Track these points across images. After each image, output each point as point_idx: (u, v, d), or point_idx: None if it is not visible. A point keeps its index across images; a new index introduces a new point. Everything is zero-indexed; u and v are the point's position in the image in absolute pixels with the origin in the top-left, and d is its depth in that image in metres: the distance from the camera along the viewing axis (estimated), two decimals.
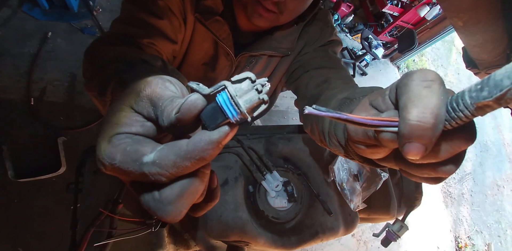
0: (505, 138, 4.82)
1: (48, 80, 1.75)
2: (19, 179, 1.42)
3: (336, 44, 0.68)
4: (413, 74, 0.19)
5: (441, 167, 0.20)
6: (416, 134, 0.17)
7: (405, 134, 0.18)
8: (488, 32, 0.60)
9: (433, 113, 0.17)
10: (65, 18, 1.91)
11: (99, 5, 2.05)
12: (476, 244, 3.25)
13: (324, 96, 0.48)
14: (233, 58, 0.62)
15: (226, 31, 0.57)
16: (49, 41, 1.82)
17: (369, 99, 0.25)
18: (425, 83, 0.18)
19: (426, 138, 0.17)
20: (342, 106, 0.36)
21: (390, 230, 0.45)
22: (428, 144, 0.18)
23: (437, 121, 0.17)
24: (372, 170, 0.79)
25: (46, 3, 1.82)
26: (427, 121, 0.17)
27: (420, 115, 0.17)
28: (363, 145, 0.24)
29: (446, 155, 0.19)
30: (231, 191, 0.67)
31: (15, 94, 1.65)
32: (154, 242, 0.61)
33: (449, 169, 0.20)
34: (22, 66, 1.71)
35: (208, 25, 0.56)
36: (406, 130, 0.18)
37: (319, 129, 0.42)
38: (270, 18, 0.53)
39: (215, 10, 0.55)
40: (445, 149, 0.19)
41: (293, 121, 2.56)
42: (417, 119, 0.17)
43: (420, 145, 0.18)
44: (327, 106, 0.40)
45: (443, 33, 3.27)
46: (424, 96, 0.18)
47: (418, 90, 0.18)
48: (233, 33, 0.60)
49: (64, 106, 1.73)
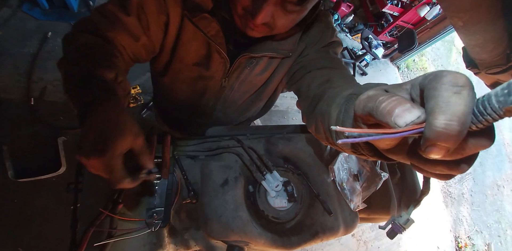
0: (505, 138, 4.82)
1: (48, 80, 1.75)
2: (19, 179, 1.42)
3: (337, 45, 0.68)
4: (444, 77, 0.19)
5: (455, 165, 0.21)
6: (441, 139, 0.18)
7: (430, 138, 0.18)
8: (488, 32, 0.60)
9: (460, 121, 0.17)
10: (65, 18, 1.91)
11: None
12: (476, 244, 3.25)
13: (327, 95, 0.48)
14: (225, 56, 0.61)
15: (215, 28, 0.57)
16: (49, 41, 1.82)
17: (384, 88, 0.25)
18: (455, 88, 0.18)
19: (450, 143, 0.18)
20: (349, 102, 0.36)
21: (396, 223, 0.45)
22: (451, 147, 0.18)
23: (462, 128, 0.18)
24: (372, 170, 0.79)
25: (46, 3, 1.82)
26: (453, 129, 0.17)
27: (447, 123, 0.17)
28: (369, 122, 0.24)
29: (465, 154, 0.20)
30: (231, 191, 0.67)
31: (15, 94, 1.65)
32: (154, 242, 0.61)
33: (462, 167, 0.21)
34: (22, 66, 1.71)
35: (196, 22, 0.56)
36: (432, 135, 0.18)
37: (325, 126, 0.42)
38: (263, 31, 0.54)
39: (204, 8, 0.55)
40: (467, 148, 0.19)
41: (293, 121, 2.56)
42: (444, 126, 0.18)
43: (443, 147, 0.18)
44: (332, 103, 0.40)
45: (443, 33, 3.27)
46: (453, 103, 0.18)
47: (447, 96, 0.18)
48: (233, 32, 0.60)
49: (64, 106, 1.73)
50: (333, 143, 0.41)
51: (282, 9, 0.49)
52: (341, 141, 0.22)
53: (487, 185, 3.95)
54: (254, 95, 0.79)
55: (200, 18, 0.56)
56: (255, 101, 0.83)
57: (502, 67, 0.66)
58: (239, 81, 0.70)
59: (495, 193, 3.96)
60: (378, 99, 0.22)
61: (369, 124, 0.25)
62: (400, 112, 0.20)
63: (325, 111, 0.42)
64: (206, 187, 0.67)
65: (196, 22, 0.56)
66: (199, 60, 0.65)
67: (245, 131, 0.81)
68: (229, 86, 0.72)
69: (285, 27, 0.54)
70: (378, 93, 0.23)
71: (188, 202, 0.66)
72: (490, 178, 4.07)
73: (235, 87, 0.73)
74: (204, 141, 0.75)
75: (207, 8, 0.55)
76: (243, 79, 0.70)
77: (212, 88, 0.73)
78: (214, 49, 0.61)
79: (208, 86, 0.73)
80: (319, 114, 0.45)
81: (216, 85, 0.71)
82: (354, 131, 0.23)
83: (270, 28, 0.53)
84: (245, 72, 0.67)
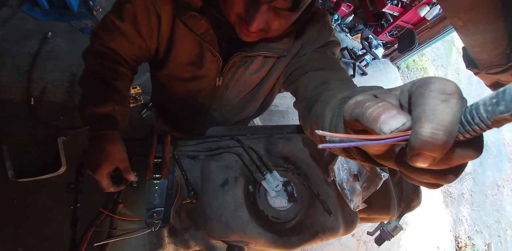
0: (505, 137, 4.82)
1: (48, 80, 1.75)
2: (19, 179, 1.42)
3: (335, 45, 0.67)
4: (432, 84, 0.19)
5: (442, 175, 0.20)
6: (426, 148, 0.17)
7: (415, 147, 0.18)
8: (488, 32, 0.60)
9: (447, 130, 0.17)
10: (65, 18, 1.91)
11: (99, 5, 2.05)
12: (476, 244, 3.25)
13: (323, 97, 0.47)
14: (217, 54, 0.62)
15: (204, 26, 0.57)
16: (49, 41, 1.82)
17: (374, 93, 0.25)
18: (443, 96, 0.18)
19: (436, 153, 0.18)
20: (342, 105, 0.35)
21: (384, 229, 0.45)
22: (437, 157, 0.18)
23: (449, 138, 0.17)
24: (372, 170, 0.79)
25: (46, 3, 1.82)
26: (439, 139, 0.17)
27: (433, 132, 0.17)
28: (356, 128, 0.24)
29: (452, 164, 0.19)
30: (231, 191, 0.67)
31: (15, 94, 1.65)
32: (154, 242, 0.61)
33: (449, 178, 0.20)
34: (22, 66, 1.71)
35: (184, 20, 0.57)
36: (417, 144, 0.18)
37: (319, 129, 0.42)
38: (258, 35, 0.55)
39: (193, 6, 0.55)
40: (453, 158, 0.19)
41: (293, 121, 2.56)
42: (429, 135, 0.17)
43: (429, 156, 0.18)
44: (327, 106, 0.40)
45: (443, 33, 3.27)
46: (440, 111, 0.17)
47: (435, 104, 0.18)
48: (226, 30, 0.60)
49: (64, 106, 1.73)
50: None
51: (275, 14, 0.49)
52: (321, 145, 0.22)
53: (487, 185, 3.96)
54: (249, 95, 0.79)
55: (188, 16, 0.56)
56: (251, 101, 0.82)
57: (502, 67, 0.66)
58: (234, 80, 0.70)
59: (495, 193, 3.97)
60: (365, 105, 0.21)
61: (357, 130, 0.25)
62: (385, 119, 0.20)
63: (320, 114, 0.42)
64: (206, 187, 0.67)
65: (184, 20, 0.57)
66: (192, 60, 0.65)
67: (245, 131, 0.81)
68: (224, 86, 0.72)
69: (280, 29, 0.55)
70: (366, 98, 0.23)
71: (188, 202, 0.66)
72: (490, 178, 4.07)
73: (230, 86, 0.72)
74: (204, 141, 0.75)
75: (196, 7, 0.56)
76: (238, 78, 0.70)
77: (207, 87, 0.73)
78: (206, 48, 0.61)
79: (202, 86, 0.73)
80: (314, 117, 0.45)
81: (211, 84, 0.71)
82: (336, 136, 0.23)
83: (264, 32, 0.54)
84: (240, 71, 0.67)
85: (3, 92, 1.63)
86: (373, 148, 0.23)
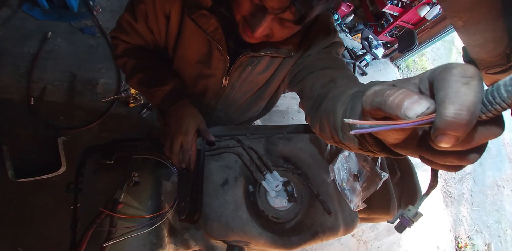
0: (505, 137, 4.82)
1: (48, 80, 1.75)
2: (19, 179, 1.42)
3: (339, 45, 0.68)
4: (453, 69, 0.20)
5: (466, 155, 0.21)
6: (451, 128, 0.18)
7: (440, 128, 0.19)
8: (488, 32, 0.60)
9: (469, 110, 0.18)
10: (65, 18, 1.91)
11: (99, 5, 2.05)
12: (476, 244, 3.25)
13: (332, 94, 0.48)
14: (225, 53, 0.62)
15: (214, 25, 0.58)
16: (49, 41, 1.82)
17: (391, 83, 0.26)
18: (464, 79, 0.19)
19: (460, 132, 0.18)
20: (355, 99, 0.36)
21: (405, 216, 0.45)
22: (461, 136, 0.19)
23: (472, 117, 0.18)
24: (372, 170, 0.80)
25: (46, 3, 1.82)
26: (462, 118, 0.18)
27: (456, 112, 0.18)
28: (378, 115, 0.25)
29: (475, 144, 0.20)
30: (231, 191, 0.67)
31: (15, 94, 1.65)
32: (154, 242, 0.61)
33: (473, 157, 0.21)
34: (22, 66, 1.71)
35: (194, 18, 0.58)
36: (442, 125, 0.19)
37: (330, 125, 0.42)
38: (260, 39, 0.56)
39: (203, 5, 0.56)
40: (477, 137, 0.20)
41: (293, 121, 2.56)
42: (453, 116, 0.18)
43: (453, 136, 0.19)
44: (338, 102, 0.41)
45: (443, 33, 3.27)
46: (462, 93, 0.18)
47: (457, 87, 0.19)
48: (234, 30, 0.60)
49: (64, 106, 1.73)
50: (338, 141, 0.41)
51: (280, 24, 0.51)
52: (353, 131, 0.23)
53: (487, 185, 3.96)
54: (255, 95, 0.80)
55: (199, 15, 0.57)
56: (256, 101, 0.83)
57: (502, 67, 0.66)
58: (241, 80, 0.71)
59: (495, 193, 3.97)
60: (386, 93, 0.22)
61: (378, 118, 0.25)
62: (409, 105, 0.20)
63: (331, 110, 0.42)
64: (206, 187, 0.67)
65: (195, 18, 0.58)
66: (201, 58, 0.66)
67: (245, 130, 0.81)
68: (230, 85, 0.72)
69: (283, 37, 0.56)
70: (384, 88, 0.23)
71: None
72: (490, 178, 4.07)
73: (236, 86, 0.73)
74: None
75: (206, 5, 0.56)
76: (245, 78, 0.70)
77: (213, 87, 0.73)
78: (214, 46, 0.62)
79: (209, 85, 0.73)
80: (324, 113, 0.45)
81: (217, 83, 0.72)
82: (366, 123, 0.23)
83: (268, 37, 0.55)
84: (247, 71, 0.68)
85: (3, 92, 1.63)
86: (393, 136, 0.24)
